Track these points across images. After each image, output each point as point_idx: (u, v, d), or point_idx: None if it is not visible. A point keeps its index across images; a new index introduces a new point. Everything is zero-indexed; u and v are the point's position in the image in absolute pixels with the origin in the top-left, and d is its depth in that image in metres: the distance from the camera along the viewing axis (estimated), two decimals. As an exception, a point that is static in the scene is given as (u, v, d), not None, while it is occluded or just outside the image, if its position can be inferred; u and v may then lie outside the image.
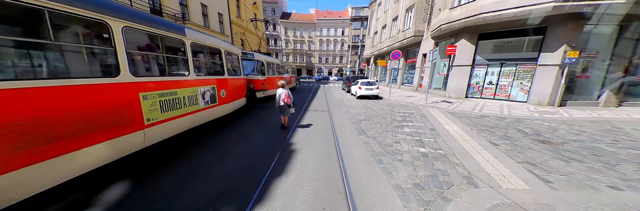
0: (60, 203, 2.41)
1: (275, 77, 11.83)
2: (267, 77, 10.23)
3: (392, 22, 20.29)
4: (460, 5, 10.66)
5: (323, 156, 3.93)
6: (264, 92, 9.77)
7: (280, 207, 2.46)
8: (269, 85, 10.34)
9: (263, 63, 9.87)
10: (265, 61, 10.12)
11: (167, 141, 4.13)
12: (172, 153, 3.96)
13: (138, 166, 3.42)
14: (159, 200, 2.57)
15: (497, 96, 10.91)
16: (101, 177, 2.97)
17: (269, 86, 10.37)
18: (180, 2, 13.08)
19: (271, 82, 10.81)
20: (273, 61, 11.84)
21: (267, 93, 10.16)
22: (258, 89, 9.36)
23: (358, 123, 6.48)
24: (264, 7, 36.18)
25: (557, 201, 2.54)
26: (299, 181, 3.03)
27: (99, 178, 2.94)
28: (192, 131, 4.88)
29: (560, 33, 8.59)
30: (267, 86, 10.06)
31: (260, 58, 9.83)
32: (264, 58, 10.17)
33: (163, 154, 3.89)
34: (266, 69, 10.27)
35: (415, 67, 16.65)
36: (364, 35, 37.76)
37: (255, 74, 9.38)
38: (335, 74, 48.65)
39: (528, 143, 4.64)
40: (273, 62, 11.71)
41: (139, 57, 3.41)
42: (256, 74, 9.39)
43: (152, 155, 3.81)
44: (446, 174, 3.22)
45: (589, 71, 9.17)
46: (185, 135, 4.77)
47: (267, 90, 10.10)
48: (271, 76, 10.93)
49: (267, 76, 10.25)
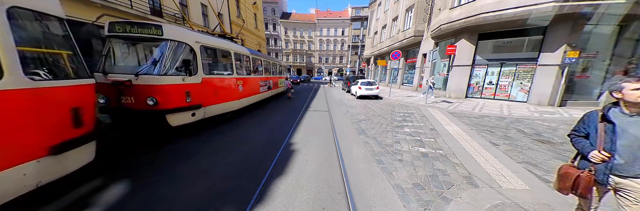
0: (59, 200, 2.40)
1: (245, 78, 7.22)
2: (214, 77, 5.51)
3: (392, 22, 20.29)
4: (460, 5, 10.66)
5: (323, 156, 3.92)
6: (195, 112, 4.79)
7: (280, 207, 2.46)
8: (213, 95, 5.38)
9: (192, 49, 4.71)
10: (201, 44, 4.99)
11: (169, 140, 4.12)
12: (172, 153, 3.96)
13: (138, 166, 3.42)
14: (159, 200, 2.57)
15: (497, 96, 10.92)
16: (101, 177, 2.98)
17: (214, 98, 5.42)
18: (180, 2, 13.07)
19: (225, 89, 5.97)
20: (229, 47, 6.36)
21: (210, 112, 5.33)
22: (174, 108, 4.33)
23: (358, 122, 6.48)
24: (264, 7, 36.16)
25: (557, 201, 2.54)
26: (299, 181, 3.03)
27: (99, 178, 2.94)
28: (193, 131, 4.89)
29: (560, 33, 8.59)
30: (206, 98, 5.12)
31: (186, 37, 4.62)
32: (197, 38, 4.90)
33: (163, 154, 3.89)
34: (207, 64, 5.44)
35: (415, 67, 16.65)
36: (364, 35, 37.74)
37: (171, 71, 4.35)
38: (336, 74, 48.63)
39: (528, 143, 4.64)
40: (230, 49, 6.36)
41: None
42: (175, 73, 4.38)
43: (152, 155, 3.81)
44: (446, 174, 3.22)
45: (589, 71, 9.18)
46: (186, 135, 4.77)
47: (208, 107, 5.19)
48: (228, 76, 6.17)
49: (214, 76, 5.55)
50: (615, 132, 1.53)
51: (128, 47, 4.70)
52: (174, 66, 4.39)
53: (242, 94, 6.91)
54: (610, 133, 1.55)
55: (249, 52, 7.93)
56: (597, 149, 1.57)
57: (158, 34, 4.21)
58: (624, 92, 1.48)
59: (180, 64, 4.48)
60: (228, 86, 6.15)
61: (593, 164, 1.61)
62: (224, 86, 5.94)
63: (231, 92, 6.28)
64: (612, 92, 1.57)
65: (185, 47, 4.58)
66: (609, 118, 1.57)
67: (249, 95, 7.51)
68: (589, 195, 1.66)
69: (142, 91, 4.03)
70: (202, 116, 5.07)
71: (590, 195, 1.67)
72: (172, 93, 4.31)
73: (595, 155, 1.56)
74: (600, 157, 1.54)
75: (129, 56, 4.73)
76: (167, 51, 4.32)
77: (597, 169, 1.61)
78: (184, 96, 4.51)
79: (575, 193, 1.68)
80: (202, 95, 4.96)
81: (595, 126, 1.63)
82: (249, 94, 7.51)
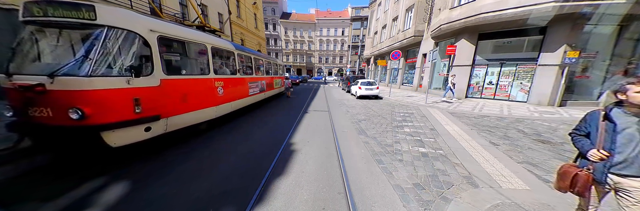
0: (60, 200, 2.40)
1: (227, 78, 5.99)
2: (181, 78, 4.32)
3: (392, 22, 20.29)
4: (460, 5, 10.66)
5: (323, 156, 3.92)
6: (150, 126, 3.56)
7: (280, 207, 2.46)
8: (179, 101, 4.19)
9: (145, 40, 3.50)
10: (159, 34, 3.77)
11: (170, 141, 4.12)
12: (172, 153, 3.96)
13: (137, 166, 3.42)
14: (159, 199, 2.57)
15: (497, 96, 10.91)
16: (101, 177, 2.98)
17: (181, 105, 4.23)
18: (180, 2, 13.07)
19: (198, 93, 4.78)
20: (205, 40, 5.16)
21: (176, 124, 4.11)
22: (114, 123, 3.08)
23: (358, 122, 6.48)
24: (264, 7, 36.13)
25: (557, 201, 2.54)
26: (299, 181, 3.03)
27: (99, 178, 2.94)
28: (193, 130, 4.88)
29: (560, 33, 8.59)
30: (169, 106, 3.93)
31: (133, 24, 3.40)
32: (152, 26, 3.70)
33: (163, 154, 3.89)
34: (172, 61, 4.36)
35: (415, 67, 16.65)
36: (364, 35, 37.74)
37: (108, 71, 3.10)
38: (335, 74, 48.63)
39: (528, 143, 4.64)
40: (205, 43, 5.15)
41: None
42: (114, 73, 3.16)
43: (152, 155, 3.81)
44: (446, 174, 3.22)
45: (589, 71, 9.18)
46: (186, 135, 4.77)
47: (172, 117, 3.99)
48: (202, 76, 5.00)
49: (181, 77, 4.34)
50: (615, 131, 1.54)
51: (51, 37, 3.22)
52: (115, 64, 3.14)
53: (223, 98, 5.74)
54: (611, 132, 1.56)
55: (234, 48, 6.72)
56: (597, 148, 1.58)
57: (89, 18, 2.97)
58: (628, 94, 1.50)
59: (124, 60, 3.23)
60: (202, 89, 4.95)
61: (592, 162, 1.62)
62: (197, 89, 4.75)
63: (207, 96, 5.10)
64: (616, 93, 1.58)
65: (133, 37, 3.33)
66: (610, 118, 1.58)
67: (233, 99, 6.41)
68: (587, 193, 1.67)
69: (61, 99, 2.84)
70: (163, 130, 3.84)
71: (588, 193, 1.67)
72: (109, 101, 3.05)
73: (594, 154, 1.58)
74: (598, 156, 1.55)
75: (52, 49, 3.25)
76: (102, 41, 2.99)
77: (595, 168, 1.62)
78: (130, 105, 3.25)
79: (573, 192, 1.69)
80: (161, 102, 3.73)
81: (596, 125, 1.64)
82: (232, 98, 6.34)
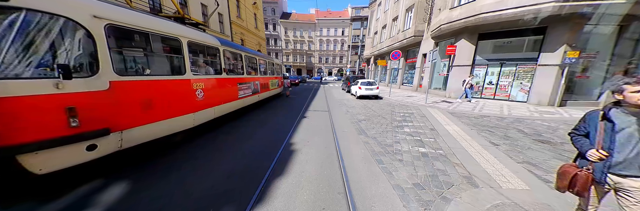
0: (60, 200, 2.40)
1: (208, 79, 5.06)
2: (141, 80, 3.35)
3: (392, 22, 20.29)
4: (460, 5, 10.67)
5: (323, 156, 3.92)
6: (95, 143, 2.71)
7: (280, 207, 2.46)
8: (138, 109, 3.29)
9: (86, 29, 2.61)
10: (108, 22, 2.83)
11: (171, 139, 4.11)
12: (172, 153, 3.96)
13: (137, 165, 3.42)
14: (158, 199, 2.57)
15: (497, 96, 10.92)
16: (100, 176, 2.98)
17: (141, 114, 3.33)
18: (180, 2, 13.07)
19: (167, 98, 3.85)
20: (178, 32, 4.14)
21: (134, 139, 3.24)
22: (34, 142, 2.23)
23: (358, 122, 6.48)
24: (264, 7, 36.15)
25: (557, 201, 2.54)
26: (299, 181, 3.03)
27: (99, 177, 2.94)
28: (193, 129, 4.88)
29: (560, 33, 8.59)
30: (123, 116, 3.06)
31: (66, 8, 2.45)
32: (96, 11, 2.71)
33: (163, 154, 3.89)
34: (131, 58, 3.54)
35: (415, 67, 16.65)
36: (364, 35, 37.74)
37: (24, 71, 2.18)
38: (336, 74, 48.66)
39: (528, 143, 4.64)
40: (179, 36, 4.12)
41: None
42: (34, 74, 2.26)
43: (151, 155, 3.81)
44: (446, 175, 3.22)
45: (589, 71, 9.18)
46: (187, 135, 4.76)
47: (128, 130, 3.12)
48: (174, 77, 4.05)
49: (141, 77, 3.39)
50: (614, 131, 1.54)
51: None
52: (38, 61, 2.30)
53: (203, 103, 4.75)
54: (610, 132, 1.56)
55: (219, 43, 5.70)
56: (596, 148, 1.59)
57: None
58: (624, 94, 1.51)
59: (53, 56, 2.42)
60: (175, 92, 4.01)
61: (591, 162, 1.63)
62: (167, 93, 3.81)
63: (181, 101, 4.15)
64: (614, 93, 1.59)
65: (67, 24, 2.47)
66: (609, 117, 1.58)
67: (217, 104, 5.42)
68: (586, 193, 1.67)
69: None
70: (116, 148, 3.01)
71: (587, 193, 1.67)
72: (26, 113, 2.22)
73: (593, 153, 1.58)
74: (597, 155, 1.55)
75: None
76: (16, 30, 2.15)
77: (594, 168, 1.62)
78: (61, 117, 2.42)
79: (573, 192, 1.69)
80: (112, 111, 2.91)
81: (596, 125, 1.64)
82: (216, 103, 5.35)
